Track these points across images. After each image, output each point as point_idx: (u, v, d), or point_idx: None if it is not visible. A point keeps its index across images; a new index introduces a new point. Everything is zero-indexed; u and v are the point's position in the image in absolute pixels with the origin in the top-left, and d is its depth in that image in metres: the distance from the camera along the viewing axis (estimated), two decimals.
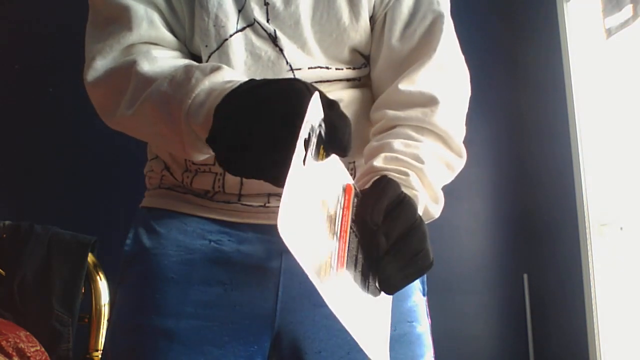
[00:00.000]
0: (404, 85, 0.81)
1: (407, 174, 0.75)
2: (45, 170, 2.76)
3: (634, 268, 2.64)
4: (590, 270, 2.79)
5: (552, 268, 3.09)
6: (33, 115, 2.79)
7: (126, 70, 0.77)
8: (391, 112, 0.81)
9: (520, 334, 3.18)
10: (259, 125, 0.57)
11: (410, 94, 0.81)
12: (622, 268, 2.74)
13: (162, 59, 0.77)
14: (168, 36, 0.82)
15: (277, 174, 0.56)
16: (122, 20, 0.79)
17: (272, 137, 0.56)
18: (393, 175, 0.74)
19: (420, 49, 0.84)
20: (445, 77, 0.83)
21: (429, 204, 0.78)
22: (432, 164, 0.78)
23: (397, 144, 0.77)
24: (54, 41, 2.72)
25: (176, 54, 0.81)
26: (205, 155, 0.74)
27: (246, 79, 0.66)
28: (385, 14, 0.85)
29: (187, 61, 0.79)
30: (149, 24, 0.79)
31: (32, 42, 2.83)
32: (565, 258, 2.96)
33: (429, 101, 0.80)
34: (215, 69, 0.70)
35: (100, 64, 0.79)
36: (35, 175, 2.79)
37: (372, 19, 0.86)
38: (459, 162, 0.83)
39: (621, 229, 2.72)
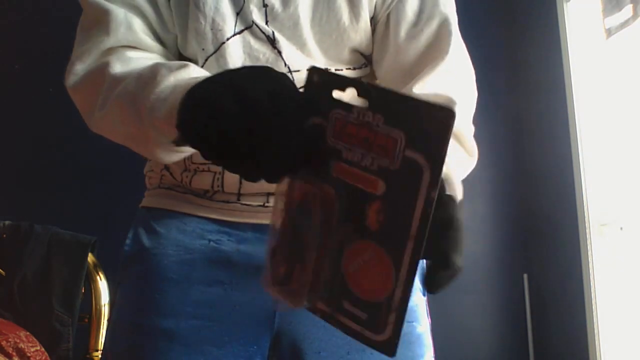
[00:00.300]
0: (418, 89, 0.80)
1: None
2: (45, 170, 2.76)
3: (634, 268, 2.64)
4: (590, 270, 2.79)
5: (552, 268, 3.09)
6: (33, 115, 2.79)
7: (100, 73, 0.77)
8: None
9: (520, 334, 3.18)
10: (241, 108, 0.53)
11: (426, 97, 0.80)
12: (622, 268, 2.74)
13: (136, 59, 0.77)
14: (147, 41, 0.81)
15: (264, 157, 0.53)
16: (102, 24, 0.79)
17: (257, 119, 0.53)
18: None
19: (431, 52, 0.83)
20: (457, 79, 0.83)
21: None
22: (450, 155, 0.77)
23: None
24: (54, 41, 2.72)
25: (154, 55, 0.81)
26: (173, 155, 0.73)
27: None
28: (389, 15, 0.85)
29: (159, 60, 0.78)
30: (126, 29, 0.79)
31: (32, 42, 2.83)
32: (565, 258, 2.96)
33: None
34: (182, 66, 0.69)
35: (79, 69, 0.79)
36: (35, 175, 2.79)
37: (373, 19, 0.85)
38: (471, 161, 0.82)
39: (621, 229, 2.72)
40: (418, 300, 0.89)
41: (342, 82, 0.53)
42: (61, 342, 1.66)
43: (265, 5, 0.81)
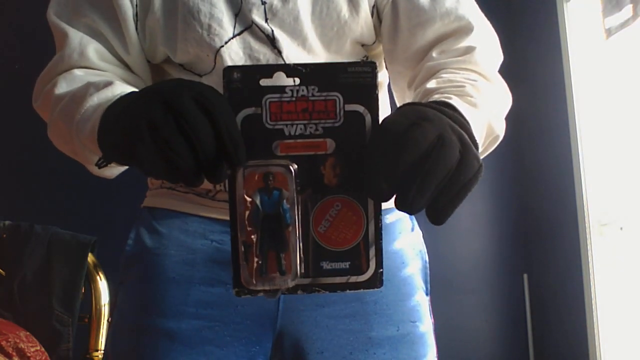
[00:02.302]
0: (437, 52, 0.81)
1: (462, 86, 0.72)
2: (45, 170, 2.76)
3: (634, 268, 2.64)
4: (590, 270, 2.79)
5: (552, 268, 3.09)
6: (33, 115, 2.78)
7: (48, 93, 0.79)
8: (430, 63, 0.80)
9: (520, 334, 3.18)
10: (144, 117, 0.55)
11: (447, 53, 0.80)
12: (622, 268, 2.74)
13: (81, 77, 0.78)
14: (100, 65, 0.82)
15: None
16: (60, 47, 0.83)
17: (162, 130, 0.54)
18: (446, 89, 0.71)
19: (451, 32, 0.82)
20: (485, 57, 0.82)
21: (492, 119, 0.73)
22: (485, 84, 0.76)
23: (447, 74, 0.76)
24: (54, 41, 2.72)
25: (103, 73, 0.81)
26: (112, 169, 0.78)
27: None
28: (394, 1, 0.83)
29: (109, 77, 0.79)
30: (79, 55, 0.81)
31: (32, 42, 2.83)
32: (565, 258, 2.96)
33: (466, 50, 0.80)
34: (108, 84, 0.72)
35: (38, 90, 0.83)
36: (36, 175, 2.79)
37: (374, 8, 0.84)
38: (507, 98, 0.81)
39: (621, 229, 2.72)
40: (421, 299, 0.88)
41: (266, 70, 0.57)
42: (61, 342, 1.65)
43: (263, 3, 0.81)
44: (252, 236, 0.56)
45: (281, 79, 0.57)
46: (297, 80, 0.56)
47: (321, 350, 0.82)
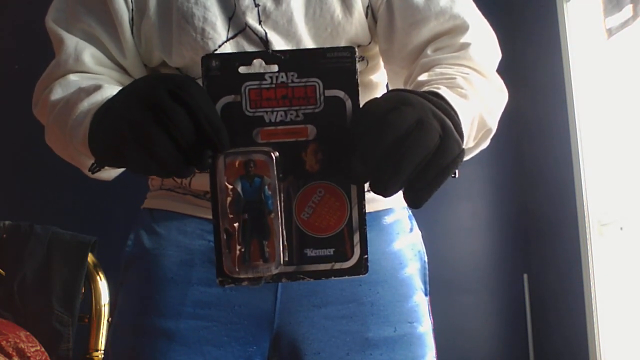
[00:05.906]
0: (432, 49, 0.81)
1: (453, 78, 0.72)
2: (45, 170, 2.76)
3: (634, 268, 2.64)
4: (590, 270, 2.79)
5: (552, 268, 3.09)
6: (33, 116, 2.79)
7: (45, 100, 0.80)
8: (425, 59, 0.79)
9: (520, 334, 3.18)
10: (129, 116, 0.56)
11: (442, 50, 0.80)
12: (622, 268, 2.74)
13: (75, 83, 0.79)
14: (96, 70, 0.82)
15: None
16: (57, 52, 0.83)
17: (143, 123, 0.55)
18: (437, 81, 0.71)
19: (447, 30, 0.82)
20: (481, 54, 0.81)
21: (483, 112, 0.72)
22: (478, 77, 0.76)
23: (440, 68, 0.76)
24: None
25: (98, 76, 0.82)
26: (110, 171, 0.79)
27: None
28: (389, 1, 0.83)
29: (100, 82, 0.79)
30: (74, 60, 0.81)
31: (32, 42, 2.83)
32: (565, 258, 2.96)
33: (461, 46, 0.79)
34: (97, 88, 0.73)
35: (36, 96, 0.84)
36: (35, 175, 2.79)
37: (369, 8, 0.84)
38: (502, 95, 0.81)
39: (621, 229, 2.72)
40: (420, 300, 0.88)
41: (245, 58, 0.57)
42: (61, 342, 1.66)
43: (257, 5, 0.81)
44: (235, 224, 0.55)
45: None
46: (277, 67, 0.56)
47: (317, 351, 0.82)
